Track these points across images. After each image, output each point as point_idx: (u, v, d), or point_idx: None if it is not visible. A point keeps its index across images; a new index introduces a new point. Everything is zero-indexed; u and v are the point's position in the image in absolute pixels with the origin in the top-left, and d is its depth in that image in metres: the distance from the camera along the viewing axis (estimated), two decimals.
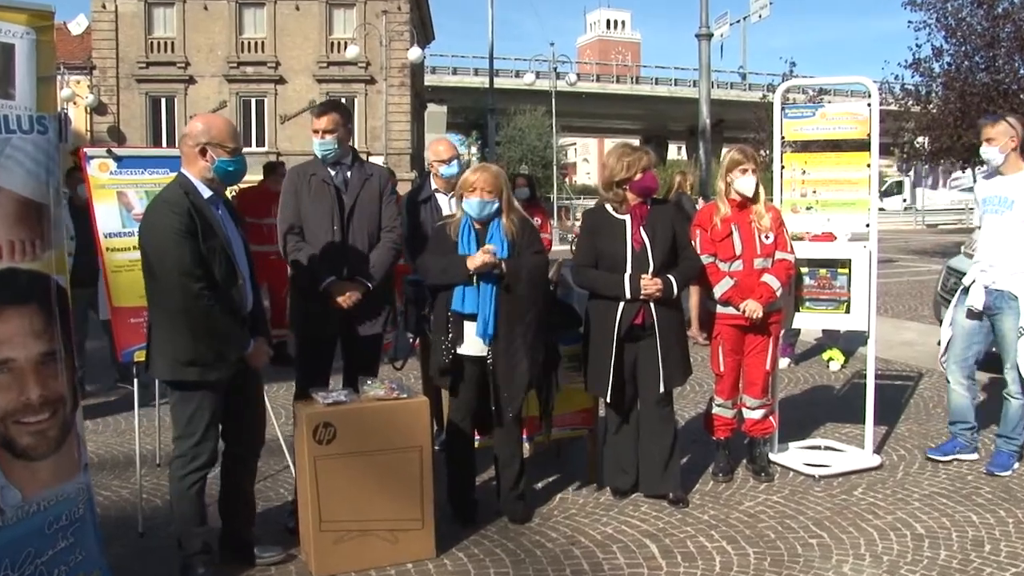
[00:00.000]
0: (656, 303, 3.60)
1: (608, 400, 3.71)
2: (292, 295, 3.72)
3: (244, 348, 2.92)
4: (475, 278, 3.27)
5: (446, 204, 4.29)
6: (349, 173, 3.63)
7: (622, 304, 3.60)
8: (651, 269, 3.59)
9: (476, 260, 3.28)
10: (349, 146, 3.66)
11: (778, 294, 3.94)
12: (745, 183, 3.92)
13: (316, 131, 3.56)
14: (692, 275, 3.80)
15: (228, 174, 2.91)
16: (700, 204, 7.59)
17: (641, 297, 3.58)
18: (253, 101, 29.54)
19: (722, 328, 4.00)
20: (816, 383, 6.27)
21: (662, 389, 3.66)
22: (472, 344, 3.35)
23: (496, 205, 3.34)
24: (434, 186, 4.35)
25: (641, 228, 3.63)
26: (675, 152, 64.32)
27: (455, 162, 4.25)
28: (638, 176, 3.63)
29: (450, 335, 3.33)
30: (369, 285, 3.56)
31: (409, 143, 29.93)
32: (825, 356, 6.76)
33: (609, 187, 3.68)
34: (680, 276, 3.65)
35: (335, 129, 3.56)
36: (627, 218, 3.67)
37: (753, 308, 3.87)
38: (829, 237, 4.30)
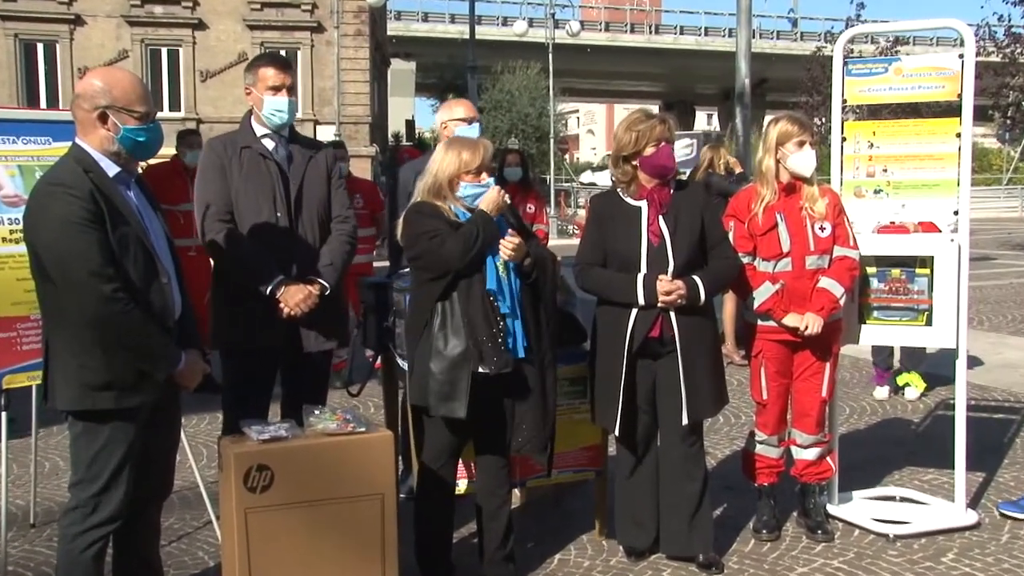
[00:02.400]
0: (678, 311, 3.62)
1: (618, 434, 3.74)
2: (215, 299, 3.74)
3: (173, 364, 2.87)
4: (502, 265, 3.36)
5: None
6: (291, 147, 3.71)
7: (635, 312, 3.63)
8: (671, 268, 3.61)
9: (508, 240, 3.37)
10: None
11: (841, 303, 3.96)
12: (803, 160, 3.93)
13: (275, 88, 3.62)
14: (726, 277, 3.82)
15: (138, 146, 2.84)
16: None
17: (659, 303, 3.60)
18: (164, 52, 28.78)
19: (765, 344, 4.02)
20: (888, 415, 6.26)
21: (686, 421, 3.67)
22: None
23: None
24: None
25: (660, 217, 3.66)
26: (704, 121, 64.54)
27: (477, 125, 4.28)
28: (649, 150, 3.64)
29: (497, 336, 3.30)
30: (326, 286, 3.63)
31: (368, 109, 29.49)
32: (900, 381, 6.76)
33: (617, 164, 3.74)
34: (709, 278, 3.66)
35: (293, 88, 3.65)
36: (643, 205, 3.70)
37: (810, 322, 3.86)
38: (902, 229, 4.31)
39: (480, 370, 3.29)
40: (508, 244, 3.37)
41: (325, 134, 25.11)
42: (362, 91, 29.43)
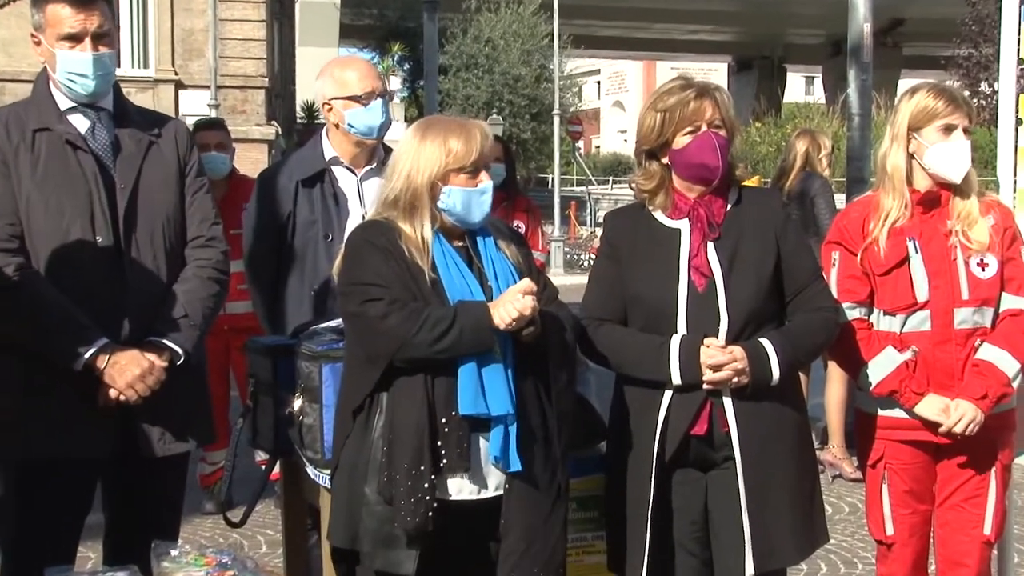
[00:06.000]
0: (737, 396, 3.57)
1: None
2: None
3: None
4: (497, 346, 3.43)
5: (353, 189, 4.48)
6: (115, 130, 3.69)
7: (668, 396, 3.61)
8: (724, 326, 3.59)
9: (515, 308, 3.33)
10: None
11: (1014, 385, 3.89)
12: (949, 156, 3.89)
13: (72, 37, 3.59)
14: (817, 341, 3.79)
15: None
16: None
17: (704, 383, 3.53)
18: None
19: (890, 448, 3.98)
20: None
21: (751, 571, 3.60)
22: (472, 479, 3.44)
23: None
24: (330, 151, 4.51)
25: (709, 245, 3.65)
26: (800, 88, 64.35)
27: (380, 103, 4.38)
28: (682, 140, 3.61)
29: (437, 461, 3.37)
30: (180, 352, 3.65)
31: (264, 65, 28.66)
32: None
33: (640, 163, 3.76)
34: (788, 342, 3.63)
35: (107, 33, 3.62)
36: (681, 226, 3.68)
37: (962, 414, 3.78)
38: None
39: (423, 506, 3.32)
40: (511, 301, 3.30)
41: (193, 104, 24.51)
42: (254, 36, 28.32)
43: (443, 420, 3.32)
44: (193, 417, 3.76)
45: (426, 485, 3.29)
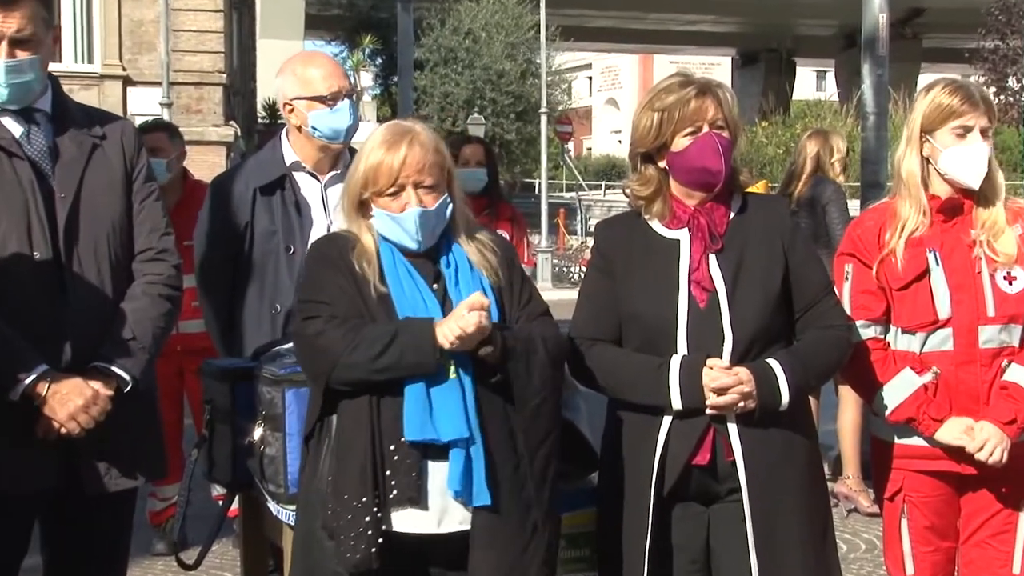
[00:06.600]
0: (743, 422, 3.57)
1: None
2: None
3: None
4: (451, 366, 3.40)
5: (317, 196, 4.50)
6: (54, 133, 3.65)
7: (667, 422, 3.60)
8: (729, 346, 3.59)
9: (458, 325, 3.31)
10: (48, 71, 3.70)
11: None
12: (965, 160, 3.86)
13: None
14: (829, 361, 3.78)
15: None
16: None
17: (708, 408, 3.52)
18: None
19: (909, 479, 3.95)
20: None
21: None
22: (431, 514, 3.41)
23: (449, 207, 3.52)
24: (291, 155, 4.52)
25: (712, 258, 3.64)
26: (811, 84, 64.57)
27: (347, 104, 4.42)
28: (682, 142, 3.60)
29: (386, 492, 3.37)
30: (127, 379, 3.63)
31: (222, 60, 28.59)
32: None
33: (636, 168, 3.75)
34: (799, 363, 3.62)
35: (30, 39, 3.54)
36: (680, 236, 3.68)
37: (988, 441, 3.75)
38: None
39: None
40: (455, 324, 3.27)
41: (143, 103, 24.42)
42: (210, 28, 28.27)
43: (391, 447, 3.30)
44: (142, 449, 3.73)
45: (368, 518, 3.27)
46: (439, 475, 3.33)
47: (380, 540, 3.28)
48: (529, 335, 3.44)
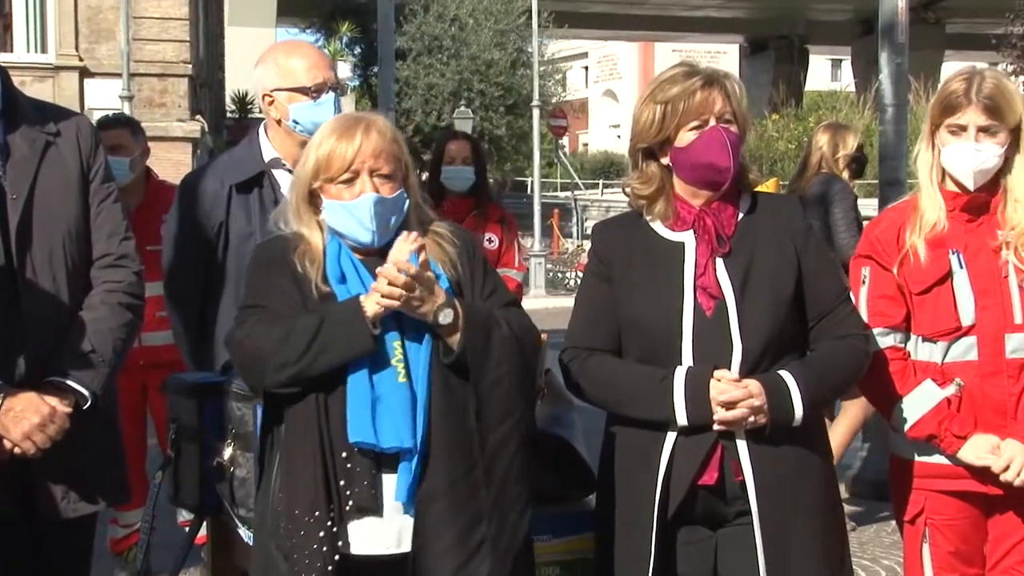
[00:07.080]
0: (753, 439, 3.58)
1: None
2: None
3: None
4: (394, 350, 3.40)
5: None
6: (4, 131, 3.66)
7: (671, 439, 3.61)
8: (737, 357, 3.59)
9: (378, 280, 3.36)
10: None
11: None
12: (958, 159, 3.90)
13: None
14: (846, 373, 3.79)
15: None
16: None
17: (715, 425, 3.54)
18: None
19: (931, 500, 3.97)
20: None
21: None
22: (389, 531, 3.41)
23: (406, 203, 3.53)
24: (270, 151, 4.56)
25: (719, 262, 3.66)
26: (825, 74, 64.74)
27: (332, 97, 4.46)
28: (686, 137, 3.61)
29: (341, 504, 3.37)
30: (86, 394, 3.64)
31: (188, 49, 28.73)
32: None
33: (636, 165, 3.75)
34: (812, 375, 3.63)
35: None
36: (685, 239, 3.69)
37: (1011, 459, 3.75)
38: None
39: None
40: (376, 290, 3.31)
41: (102, 96, 24.58)
42: (174, 15, 28.45)
43: (343, 454, 3.30)
44: (103, 472, 3.75)
45: (321, 534, 3.27)
46: (393, 486, 3.34)
47: (336, 557, 3.28)
48: (491, 311, 3.45)
